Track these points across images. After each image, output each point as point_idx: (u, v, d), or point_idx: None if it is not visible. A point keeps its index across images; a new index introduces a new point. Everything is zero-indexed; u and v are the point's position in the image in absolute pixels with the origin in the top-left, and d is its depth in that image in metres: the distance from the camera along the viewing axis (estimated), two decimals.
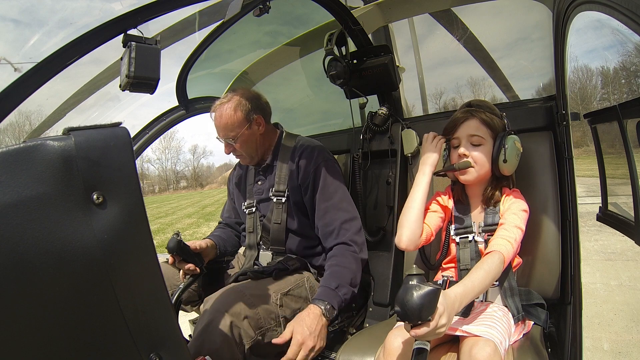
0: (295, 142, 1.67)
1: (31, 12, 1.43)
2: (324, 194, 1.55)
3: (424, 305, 0.83)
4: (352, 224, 1.54)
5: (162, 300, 0.71)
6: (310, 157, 1.59)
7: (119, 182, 0.65)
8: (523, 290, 1.30)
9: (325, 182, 1.55)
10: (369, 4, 1.91)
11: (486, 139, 1.26)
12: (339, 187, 1.58)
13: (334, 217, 1.53)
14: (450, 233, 1.35)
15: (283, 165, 1.62)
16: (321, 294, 1.39)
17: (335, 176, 1.59)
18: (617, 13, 0.77)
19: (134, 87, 0.95)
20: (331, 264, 1.48)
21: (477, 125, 1.26)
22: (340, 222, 1.53)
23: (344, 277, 1.43)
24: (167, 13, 1.02)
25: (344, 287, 1.42)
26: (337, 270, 1.45)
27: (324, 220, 1.55)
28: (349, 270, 1.46)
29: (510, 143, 1.23)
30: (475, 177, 1.27)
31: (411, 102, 2.54)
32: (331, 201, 1.55)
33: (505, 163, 1.23)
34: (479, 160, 1.26)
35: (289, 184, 1.60)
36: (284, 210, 1.59)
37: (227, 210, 1.92)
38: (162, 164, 61.06)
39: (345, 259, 1.48)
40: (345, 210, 1.55)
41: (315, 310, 1.33)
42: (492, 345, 0.97)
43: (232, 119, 1.54)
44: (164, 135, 11.55)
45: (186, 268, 1.48)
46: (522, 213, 1.22)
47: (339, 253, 1.50)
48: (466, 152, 1.26)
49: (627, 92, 24.76)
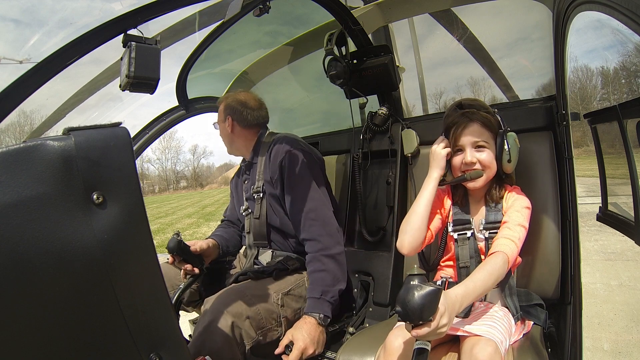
0: (271, 140, 1.69)
1: (31, 12, 1.43)
2: (289, 184, 1.55)
3: (425, 306, 0.83)
4: (317, 214, 1.50)
5: (162, 300, 0.71)
6: (278, 150, 1.59)
7: (119, 182, 0.65)
8: (522, 291, 1.30)
9: (289, 173, 1.55)
10: (369, 4, 1.90)
11: (489, 142, 1.24)
12: (304, 175, 1.55)
13: (299, 207, 1.51)
14: (448, 231, 1.34)
15: (261, 161, 1.66)
16: (310, 307, 1.41)
17: (300, 165, 1.56)
18: (617, 13, 0.77)
19: (134, 87, 0.95)
20: (310, 272, 1.48)
21: (480, 130, 1.24)
22: (305, 212, 1.50)
23: (324, 282, 1.43)
24: (167, 13, 1.02)
25: (329, 291, 1.42)
26: (317, 277, 1.45)
27: (291, 211, 1.54)
28: (326, 272, 1.45)
29: (512, 141, 1.23)
30: (483, 182, 1.26)
31: (411, 102, 2.54)
32: (295, 191, 1.53)
33: (510, 162, 1.24)
34: (488, 164, 1.24)
35: (264, 179, 1.63)
36: (263, 205, 1.62)
37: (230, 209, 1.93)
38: (162, 164, 61.16)
39: (319, 263, 1.46)
40: (311, 199, 1.51)
41: (310, 319, 1.37)
42: (493, 345, 0.97)
43: (219, 110, 1.76)
44: (164, 135, 11.55)
45: (186, 268, 1.48)
46: (525, 210, 1.22)
47: (312, 259, 1.48)
48: (474, 159, 1.23)
49: (627, 92, 24.77)
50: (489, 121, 1.24)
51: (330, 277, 1.44)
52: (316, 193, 1.54)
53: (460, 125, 1.25)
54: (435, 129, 1.40)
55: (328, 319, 1.41)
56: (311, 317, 1.37)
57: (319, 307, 1.40)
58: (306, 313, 1.40)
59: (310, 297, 1.43)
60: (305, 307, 1.43)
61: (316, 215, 1.50)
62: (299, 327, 1.34)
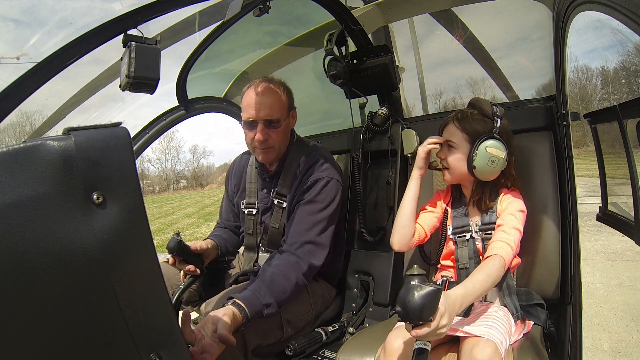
0: (307, 150, 1.59)
1: (32, 12, 1.44)
2: (311, 206, 1.45)
3: (425, 306, 0.83)
4: (316, 250, 1.41)
5: (162, 300, 0.71)
6: (318, 169, 1.52)
7: (119, 182, 0.65)
8: (523, 290, 1.30)
9: (317, 197, 1.46)
10: (369, 4, 1.91)
11: (460, 144, 1.27)
12: (329, 209, 1.47)
13: (306, 231, 1.41)
14: (447, 232, 1.36)
15: (289, 170, 1.56)
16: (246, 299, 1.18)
17: (331, 197, 1.49)
18: (617, 13, 0.77)
19: (134, 87, 0.95)
20: (273, 270, 1.31)
21: (453, 131, 1.29)
22: (306, 239, 1.40)
23: (280, 295, 1.26)
24: (167, 13, 1.02)
25: (274, 307, 1.24)
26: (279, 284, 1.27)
27: (296, 227, 1.43)
28: (287, 282, 1.30)
29: (481, 150, 1.20)
30: (450, 179, 1.33)
31: (411, 102, 2.54)
32: (313, 217, 1.44)
33: (475, 169, 1.23)
34: (452, 164, 1.29)
35: (291, 191, 1.55)
36: (284, 215, 1.56)
37: (226, 212, 1.87)
38: (162, 164, 61.13)
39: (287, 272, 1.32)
40: (320, 233, 1.43)
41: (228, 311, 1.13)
42: (493, 345, 0.97)
43: (280, 100, 1.44)
44: (164, 135, 11.54)
45: (186, 269, 1.48)
46: (520, 214, 1.22)
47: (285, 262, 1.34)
48: (441, 155, 1.33)
49: (627, 92, 24.77)
50: (469, 126, 1.26)
51: (285, 297, 1.28)
52: (328, 234, 1.47)
53: (444, 121, 1.34)
54: (435, 129, 1.40)
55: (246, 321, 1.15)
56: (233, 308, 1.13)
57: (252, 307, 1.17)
58: (236, 297, 1.17)
59: (252, 291, 1.21)
60: (242, 294, 1.20)
61: (314, 249, 1.42)
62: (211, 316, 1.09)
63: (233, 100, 2.29)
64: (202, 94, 2.12)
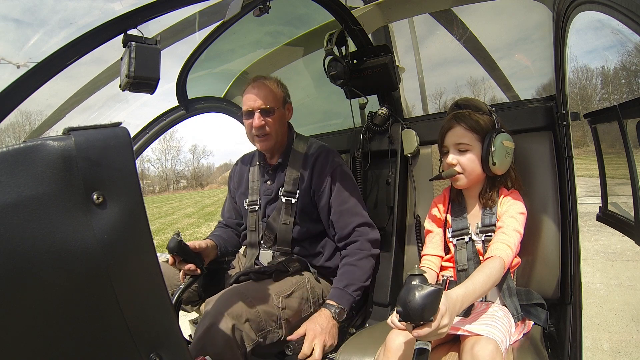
0: (307, 144, 1.69)
1: (33, 12, 1.43)
2: (339, 198, 1.59)
3: (426, 306, 0.83)
4: (365, 229, 1.60)
5: (162, 300, 0.71)
6: (326, 162, 1.61)
7: (119, 182, 0.65)
8: (523, 290, 1.30)
9: (340, 187, 1.60)
10: (369, 4, 1.91)
11: (472, 144, 1.26)
12: (354, 191, 1.63)
13: (349, 220, 1.58)
14: (447, 236, 1.36)
15: (294, 166, 1.63)
16: (332, 295, 1.48)
17: (349, 180, 1.64)
18: (617, 13, 0.77)
19: (134, 87, 0.95)
20: (342, 264, 1.56)
21: (462, 133, 1.26)
22: (353, 226, 1.58)
23: (353, 275, 1.50)
24: (167, 13, 1.02)
25: (353, 284, 1.49)
26: (347, 270, 1.53)
27: (339, 223, 1.59)
28: (357, 267, 1.52)
29: (498, 143, 1.22)
30: (466, 183, 1.29)
31: (411, 102, 2.54)
32: (346, 205, 1.59)
33: (495, 165, 1.23)
34: (467, 166, 1.27)
35: (300, 187, 1.61)
36: (293, 212, 1.61)
37: (228, 210, 1.91)
38: (162, 164, 61.15)
39: (354, 257, 1.54)
40: (360, 215, 1.60)
41: (325, 312, 1.42)
42: (494, 343, 0.97)
43: (274, 91, 1.61)
44: (164, 135, 11.55)
45: (186, 268, 1.48)
46: (520, 216, 1.22)
47: (350, 252, 1.56)
48: (453, 160, 1.28)
49: (627, 92, 24.78)
50: (475, 123, 1.25)
51: (360, 272, 1.52)
52: (364, 209, 1.63)
53: (445, 127, 1.30)
54: (435, 129, 1.40)
55: (344, 313, 1.44)
56: (327, 311, 1.42)
57: (338, 298, 1.46)
58: (324, 306, 1.45)
59: (334, 287, 1.50)
60: (328, 295, 1.50)
61: (363, 230, 1.59)
62: (313, 319, 1.39)
63: (233, 100, 2.29)
64: (202, 94, 2.12)
